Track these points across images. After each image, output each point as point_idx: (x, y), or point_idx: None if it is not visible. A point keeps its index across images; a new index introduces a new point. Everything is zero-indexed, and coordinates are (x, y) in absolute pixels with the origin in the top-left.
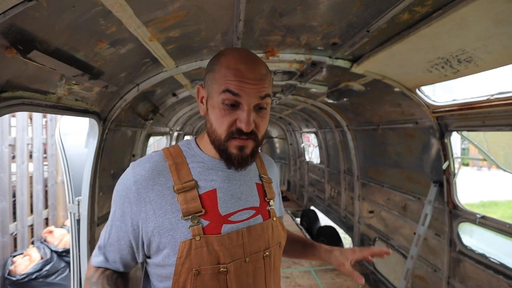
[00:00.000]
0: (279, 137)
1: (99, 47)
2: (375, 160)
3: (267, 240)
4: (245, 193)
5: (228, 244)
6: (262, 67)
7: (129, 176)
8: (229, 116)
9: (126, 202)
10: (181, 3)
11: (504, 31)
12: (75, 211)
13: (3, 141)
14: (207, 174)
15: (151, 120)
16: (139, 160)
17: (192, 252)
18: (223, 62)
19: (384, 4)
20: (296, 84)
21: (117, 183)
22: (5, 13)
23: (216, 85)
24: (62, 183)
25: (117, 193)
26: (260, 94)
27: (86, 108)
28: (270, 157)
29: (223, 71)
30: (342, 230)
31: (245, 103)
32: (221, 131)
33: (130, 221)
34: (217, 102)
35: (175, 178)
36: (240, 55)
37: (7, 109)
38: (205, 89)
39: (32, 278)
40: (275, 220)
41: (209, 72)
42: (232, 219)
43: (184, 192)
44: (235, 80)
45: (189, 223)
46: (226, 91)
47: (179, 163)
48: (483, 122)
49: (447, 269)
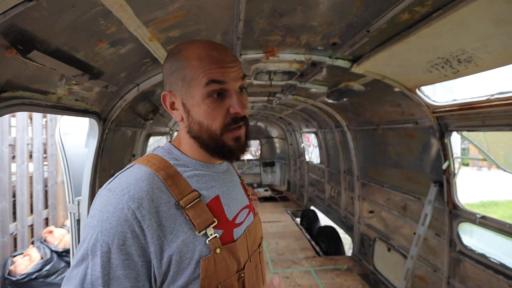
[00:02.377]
0: (279, 137)
1: (99, 47)
2: (375, 160)
3: (259, 236)
4: (238, 193)
5: (241, 249)
6: (230, 50)
7: (122, 205)
8: (220, 108)
9: (130, 238)
10: (181, 3)
11: (504, 31)
12: (75, 211)
13: (3, 141)
14: (205, 182)
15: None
16: (122, 182)
17: (217, 268)
18: (189, 56)
19: (384, 4)
20: (296, 84)
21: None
22: (5, 13)
23: (193, 82)
24: (62, 183)
25: (108, 232)
26: (240, 75)
27: (86, 108)
28: (270, 157)
29: (195, 63)
30: (342, 230)
31: (231, 89)
32: (216, 125)
33: (141, 260)
34: (202, 97)
35: (176, 193)
36: (203, 44)
37: (7, 109)
38: (173, 92)
39: (32, 278)
40: (257, 215)
41: (174, 73)
42: (237, 221)
43: (192, 206)
44: (216, 68)
45: (205, 237)
46: (210, 82)
47: (173, 175)
48: (483, 122)
49: (447, 269)
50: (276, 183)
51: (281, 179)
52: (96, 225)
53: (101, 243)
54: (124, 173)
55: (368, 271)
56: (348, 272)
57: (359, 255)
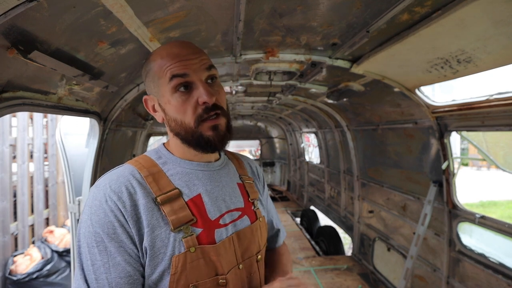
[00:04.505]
0: (279, 137)
1: (100, 48)
2: (374, 160)
3: (257, 243)
4: (228, 194)
5: (224, 253)
6: (192, 44)
7: (106, 198)
8: (188, 101)
9: (118, 227)
10: (181, 3)
11: (504, 31)
12: (75, 211)
13: (4, 141)
14: (187, 180)
15: (151, 120)
16: (106, 178)
17: (187, 266)
18: (155, 58)
19: (383, 5)
20: (296, 84)
21: (87, 216)
22: (6, 13)
23: (160, 80)
24: (63, 183)
25: (98, 223)
26: (205, 66)
27: (87, 108)
28: (270, 157)
29: (159, 63)
30: (342, 230)
31: (196, 79)
32: (189, 119)
33: (132, 245)
34: (170, 93)
35: (155, 190)
36: (167, 45)
37: (8, 109)
38: (151, 96)
39: (32, 277)
40: (261, 220)
41: (147, 77)
42: (221, 222)
43: (169, 203)
44: (175, 62)
45: (181, 234)
46: (173, 77)
47: (155, 173)
48: (483, 122)
49: (447, 268)
50: (276, 183)
51: (281, 179)
52: (87, 219)
53: (94, 234)
54: (111, 171)
55: (367, 271)
56: (348, 271)
57: (359, 255)
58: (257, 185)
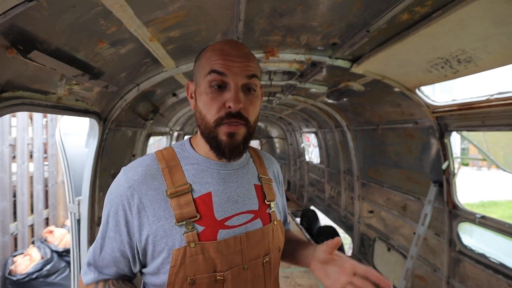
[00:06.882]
0: (279, 137)
1: (100, 47)
2: (375, 160)
3: (267, 246)
4: (242, 195)
5: (225, 251)
6: (246, 48)
7: (121, 182)
8: (217, 100)
9: (120, 210)
10: (181, 3)
11: (504, 31)
12: (75, 211)
13: (3, 141)
14: (201, 177)
15: (151, 120)
16: (131, 164)
17: (186, 260)
18: (208, 49)
19: (384, 4)
20: (296, 84)
21: (108, 191)
22: (6, 13)
23: (202, 70)
24: (63, 183)
25: (110, 201)
26: (247, 73)
27: (87, 108)
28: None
29: (208, 54)
30: (342, 230)
31: (232, 82)
32: (210, 116)
33: (126, 230)
34: (204, 86)
35: (168, 182)
36: (224, 40)
37: (7, 109)
38: (193, 82)
39: (32, 277)
40: (275, 224)
41: (196, 63)
42: (228, 223)
43: (177, 197)
44: (220, 59)
45: (183, 229)
46: (211, 72)
47: (172, 166)
48: (483, 122)
49: (447, 268)
50: None
51: None
52: (108, 195)
53: (108, 209)
54: (139, 158)
55: None
56: None
57: (359, 255)
58: (276, 187)
